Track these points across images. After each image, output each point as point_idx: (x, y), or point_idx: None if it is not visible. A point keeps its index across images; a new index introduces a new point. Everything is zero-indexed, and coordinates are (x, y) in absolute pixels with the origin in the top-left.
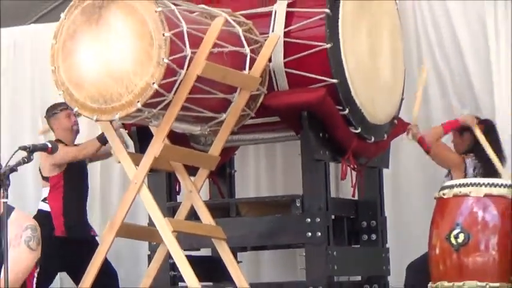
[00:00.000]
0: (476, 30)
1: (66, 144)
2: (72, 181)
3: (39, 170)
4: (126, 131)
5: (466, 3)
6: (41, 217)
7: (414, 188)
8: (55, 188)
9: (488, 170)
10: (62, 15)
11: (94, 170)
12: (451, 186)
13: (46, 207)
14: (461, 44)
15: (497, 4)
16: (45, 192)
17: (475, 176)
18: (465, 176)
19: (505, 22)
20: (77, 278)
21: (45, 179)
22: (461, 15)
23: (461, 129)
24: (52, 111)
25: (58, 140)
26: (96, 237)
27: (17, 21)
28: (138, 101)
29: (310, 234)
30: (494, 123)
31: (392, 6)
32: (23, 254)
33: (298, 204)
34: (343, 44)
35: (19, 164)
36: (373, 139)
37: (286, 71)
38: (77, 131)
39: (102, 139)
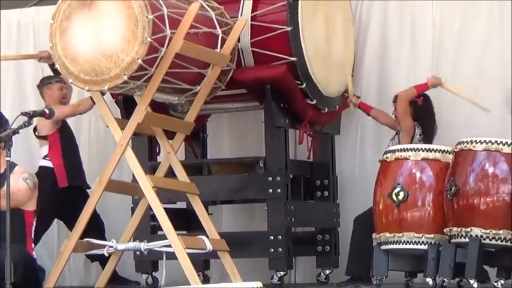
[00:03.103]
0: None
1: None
2: (67, 137)
3: (34, 131)
4: (114, 99)
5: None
6: (44, 172)
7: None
8: (54, 145)
9: (426, 136)
10: None
11: None
12: (393, 151)
13: (47, 163)
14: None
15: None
16: (45, 150)
17: (420, 141)
18: (412, 139)
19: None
20: (71, 224)
21: (43, 138)
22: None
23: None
24: (47, 81)
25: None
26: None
27: (21, 4)
28: (125, 74)
29: (271, 190)
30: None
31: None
32: (20, 186)
33: (261, 165)
34: (302, 28)
35: (21, 127)
36: (326, 109)
37: (252, 50)
38: (65, 104)
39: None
